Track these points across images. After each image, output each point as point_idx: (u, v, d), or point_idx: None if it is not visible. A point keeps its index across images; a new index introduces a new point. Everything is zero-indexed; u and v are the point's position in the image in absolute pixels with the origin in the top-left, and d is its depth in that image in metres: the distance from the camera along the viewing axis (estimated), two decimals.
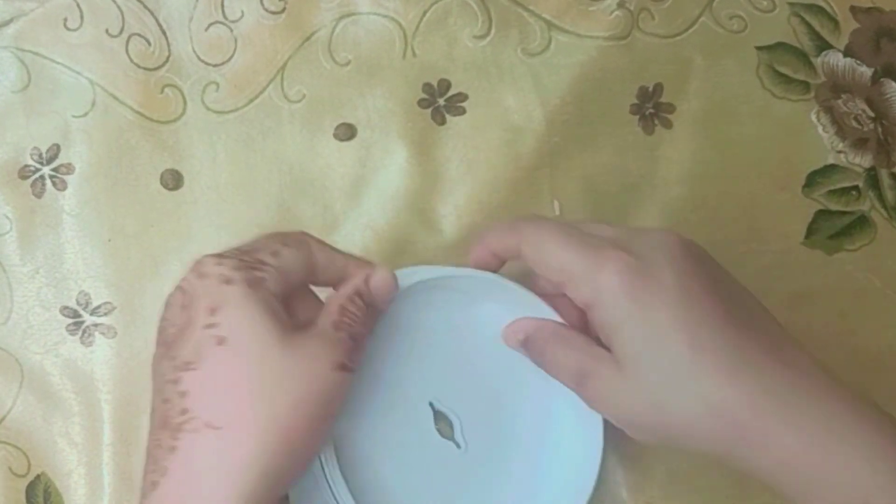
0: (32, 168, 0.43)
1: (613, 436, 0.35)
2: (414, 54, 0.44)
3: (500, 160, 0.43)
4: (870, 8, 0.45)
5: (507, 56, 0.44)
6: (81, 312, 0.42)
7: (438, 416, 0.36)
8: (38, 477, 0.41)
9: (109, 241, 0.43)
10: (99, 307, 0.42)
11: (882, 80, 0.44)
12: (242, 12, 0.44)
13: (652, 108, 0.44)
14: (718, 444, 0.30)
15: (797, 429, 0.28)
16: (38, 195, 0.43)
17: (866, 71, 0.45)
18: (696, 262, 0.32)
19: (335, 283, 0.33)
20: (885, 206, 0.43)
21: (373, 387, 0.35)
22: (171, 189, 0.43)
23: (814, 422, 0.29)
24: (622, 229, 0.33)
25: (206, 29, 0.44)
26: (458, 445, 0.36)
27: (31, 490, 0.41)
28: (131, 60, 0.43)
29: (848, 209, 0.43)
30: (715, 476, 0.40)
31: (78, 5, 0.44)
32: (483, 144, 0.43)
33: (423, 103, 0.44)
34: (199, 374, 0.28)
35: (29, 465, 0.42)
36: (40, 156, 0.43)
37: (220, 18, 0.44)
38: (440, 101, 0.44)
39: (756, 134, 0.44)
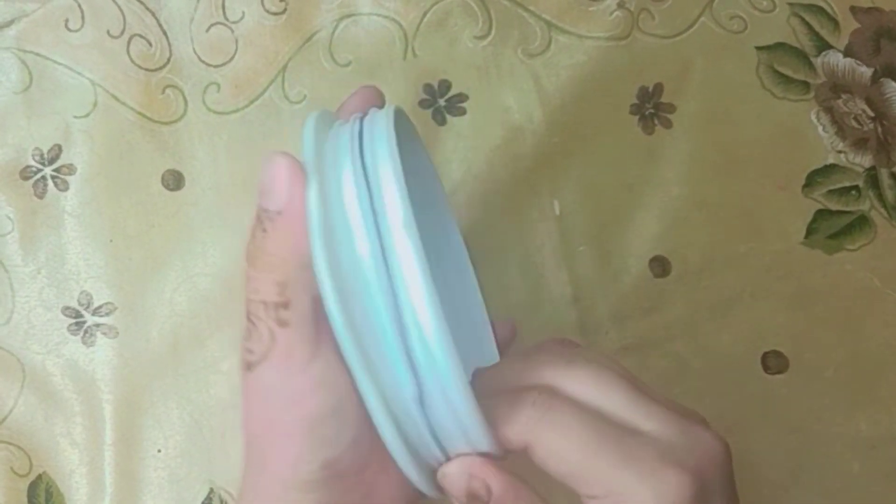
0: (34, 169, 0.43)
1: None
2: (414, 55, 0.44)
3: (500, 160, 0.43)
4: (870, 8, 0.45)
5: (507, 56, 0.44)
6: (83, 312, 0.42)
7: None
8: (39, 477, 0.42)
9: (111, 241, 0.43)
10: (100, 307, 0.42)
11: (882, 79, 0.44)
12: (243, 13, 0.44)
13: (652, 109, 0.44)
14: None
15: None
16: (40, 196, 0.43)
17: (866, 71, 0.45)
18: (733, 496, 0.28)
19: None
20: (885, 206, 0.43)
21: None
22: (172, 189, 0.43)
23: None
24: (668, 424, 0.27)
25: (207, 30, 0.44)
26: None
27: (32, 490, 0.41)
28: (132, 61, 0.44)
29: (848, 209, 0.43)
30: None
31: (79, 6, 0.44)
32: (483, 145, 0.43)
33: (423, 104, 0.44)
34: None
35: (30, 465, 0.42)
36: (42, 156, 0.43)
37: (221, 19, 0.44)
38: (441, 102, 0.44)
39: (756, 134, 0.44)
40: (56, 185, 0.43)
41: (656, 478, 0.25)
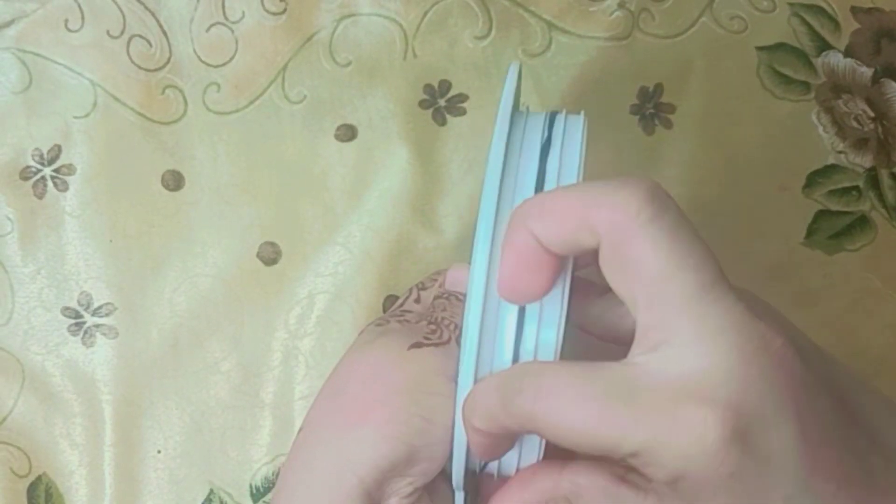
0: (34, 169, 0.43)
1: None
2: (414, 55, 0.44)
3: None
4: (870, 8, 0.45)
5: (507, 57, 0.44)
6: (83, 313, 0.42)
7: None
8: (39, 478, 0.42)
9: (111, 241, 0.43)
10: (100, 308, 0.42)
11: (882, 80, 0.44)
12: (243, 13, 0.44)
13: (652, 109, 0.44)
14: None
15: None
16: (40, 196, 0.43)
17: (866, 71, 0.45)
18: (815, 391, 0.24)
19: None
20: (885, 206, 0.43)
21: None
22: (172, 190, 0.43)
23: None
24: (692, 340, 0.23)
25: (207, 30, 0.44)
26: None
27: (32, 491, 0.41)
28: (132, 61, 0.43)
29: (848, 209, 0.43)
30: None
31: (79, 6, 0.44)
32: (484, 145, 0.43)
33: (423, 104, 0.44)
34: None
35: (30, 466, 0.42)
36: (41, 157, 0.43)
37: (221, 19, 0.44)
38: (441, 102, 0.44)
39: (756, 134, 0.44)
40: (56, 185, 0.43)
41: (677, 423, 0.22)
